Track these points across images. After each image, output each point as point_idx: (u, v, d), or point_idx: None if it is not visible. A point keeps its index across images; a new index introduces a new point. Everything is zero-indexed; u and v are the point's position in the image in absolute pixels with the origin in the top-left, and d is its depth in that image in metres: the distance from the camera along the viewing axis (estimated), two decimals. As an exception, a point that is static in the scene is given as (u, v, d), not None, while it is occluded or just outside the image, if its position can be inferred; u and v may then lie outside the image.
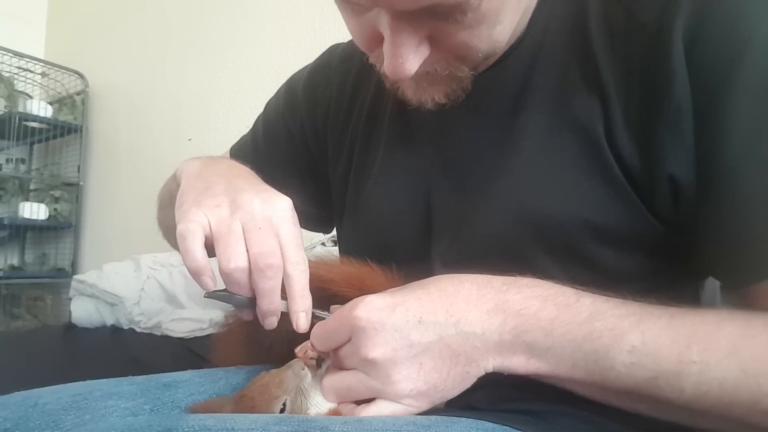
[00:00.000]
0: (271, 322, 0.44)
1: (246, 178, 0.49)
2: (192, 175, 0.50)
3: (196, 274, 0.42)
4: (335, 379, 0.41)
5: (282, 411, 0.39)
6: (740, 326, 0.35)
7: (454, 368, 0.38)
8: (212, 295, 0.43)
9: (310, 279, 0.44)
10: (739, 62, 0.36)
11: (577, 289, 0.39)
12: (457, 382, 0.39)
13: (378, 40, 0.41)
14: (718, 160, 0.37)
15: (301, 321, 0.43)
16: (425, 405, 0.39)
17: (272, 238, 0.43)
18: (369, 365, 0.38)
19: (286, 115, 0.68)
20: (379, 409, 0.39)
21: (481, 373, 0.39)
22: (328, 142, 0.63)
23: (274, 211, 0.44)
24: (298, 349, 0.43)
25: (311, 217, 0.69)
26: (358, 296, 0.44)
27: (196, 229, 0.42)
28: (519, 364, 0.38)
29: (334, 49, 0.67)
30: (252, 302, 0.43)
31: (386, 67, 0.41)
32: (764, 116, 0.36)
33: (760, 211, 0.36)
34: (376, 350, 0.38)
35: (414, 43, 0.40)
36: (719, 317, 0.36)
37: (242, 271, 0.42)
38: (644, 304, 0.38)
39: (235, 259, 0.41)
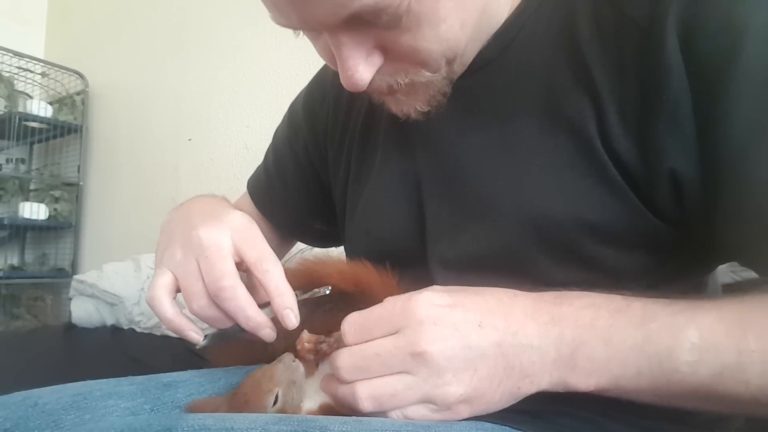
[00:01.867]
0: (266, 335, 0.43)
1: (202, 212, 0.49)
2: (162, 233, 0.51)
3: (179, 334, 0.44)
4: (375, 385, 0.37)
5: (275, 403, 0.40)
6: None
7: (507, 381, 0.37)
8: (203, 345, 0.44)
9: (306, 275, 0.45)
10: (737, 52, 0.36)
11: (623, 294, 0.38)
12: (505, 396, 0.37)
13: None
14: (724, 150, 0.37)
15: (287, 319, 0.42)
16: (464, 415, 0.37)
17: (221, 261, 0.43)
18: (419, 361, 0.36)
19: (290, 138, 0.69)
20: (408, 412, 0.37)
21: (533, 391, 0.37)
22: (328, 154, 0.64)
23: (221, 231, 0.44)
24: (297, 344, 0.43)
25: (325, 235, 0.70)
26: (353, 293, 0.44)
27: (158, 295, 0.44)
28: (579, 379, 0.36)
29: (328, 66, 0.68)
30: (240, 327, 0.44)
31: (342, 81, 0.42)
32: (767, 102, 0.36)
33: None
34: (433, 344, 0.36)
35: (362, 54, 0.40)
36: (762, 302, 0.36)
37: (207, 307, 0.43)
38: (690, 299, 0.37)
39: (196, 299, 0.43)
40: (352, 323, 0.39)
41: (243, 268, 0.45)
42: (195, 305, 0.43)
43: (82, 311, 1.66)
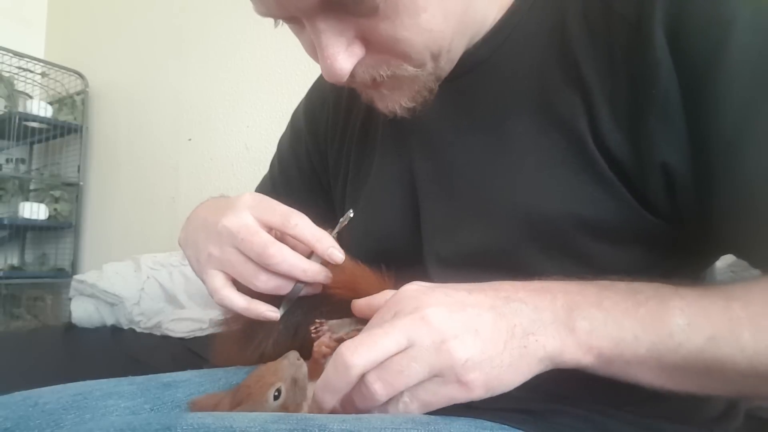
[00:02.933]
0: (326, 278, 0.46)
1: (213, 210, 0.50)
2: (186, 248, 0.54)
3: (258, 317, 0.47)
4: (381, 366, 0.35)
5: (276, 398, 0.40)
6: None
7: (511, 340, 0.36)
8: (284, 312, 0.47)
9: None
10: (724, 45, 0.36)
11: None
12: (515, 358, 0.36)
13: None
14: (715, 142, 0.38)
15: (334, 256, 0.45)
16: (478, 389, 0.35)
17: (256, 235, 0.45)
18: (420, 326, 0.35)
19: (293, 145, 0.70)
20: (421, 393, 0.36)
21: (540, 351, 0.36)
22: (329, 157, 0.65)
23: (239, 214, 0.46)
24: (316, 345, 0.44)
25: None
26: (350, 297, 0.44)
27: (224, 293, 0.46)
28: (580, 341, 0.36)
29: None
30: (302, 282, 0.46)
31: (322, 71, 0.42)
32: (756, 93, 0.36)
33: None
34: (430, 306, 0.36)
35: (342, 44, 0.40)
36: (746, 282, 0.37)
37: (269, 279, 0.45)
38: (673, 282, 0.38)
39: (255, 277, 0.45)
40: (361, 306, 0.42)
41: (275, 237, 0.46)
42: (258, 282, 0.45)
43: (82, 311, 1.66)
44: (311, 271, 0.45)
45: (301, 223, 0.46)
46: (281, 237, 0.46)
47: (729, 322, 0.35)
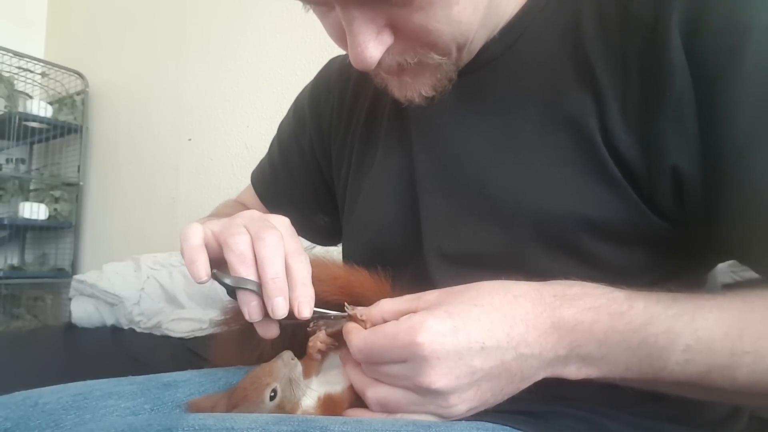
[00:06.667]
0: (278, 305, 0.40)
1: (247, 213, 0.49)
2: (201, 220, 0.52)
3: (190, 263, 0.42)
4: (383, 393, 0.39)
5: (272, 398, 0.40)
6: None
7: (509, 386, 0.38)
8: (218, 275, 0.41)
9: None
10: (741, 52, 0.36)
11: (626, 291, 0.38)
12: (506, 397, 0.39)
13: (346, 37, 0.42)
14: (726, 148, 0.37)
15: (301, 306, 0.40)
16: (467, 415, 0.39)
17: (267, 227, 0.42)
18: (425, 392, 0.37)
19: (296, 132, 0.70)
20: (416, 417, 0.39)
21: (529, 385, 0.39)
22: (332, 150, 0.65)
23: (272, 220, 0.45)
24: (311, 340, 0.44)
25: (329, 231, 0.71)
26: (344, 300, 0.43)
27: (196, 225, 0.43)
28: (570, 372, 0.38)
29: (333, 61, 0.69)
30: (259, 288, 0.41)
31: (350, 58, 0.42)
32: None
33: None
34: (439, 381, 0.36)
35: (372, 31, 0.40)
36: (765, 300, 0.37)
37: (245, 243, 0.41)
38: (694, 296, 0.37)
39: (238, 234, 0.41)
40: (360, 348, 0.39)
41: None
42: (237, 237, 0.41)
43: (82, 311, 1.66)
44: (279, 282, 0.40)
45: (306, 262, 0.42)
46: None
47: (731, 357, 0.35)
